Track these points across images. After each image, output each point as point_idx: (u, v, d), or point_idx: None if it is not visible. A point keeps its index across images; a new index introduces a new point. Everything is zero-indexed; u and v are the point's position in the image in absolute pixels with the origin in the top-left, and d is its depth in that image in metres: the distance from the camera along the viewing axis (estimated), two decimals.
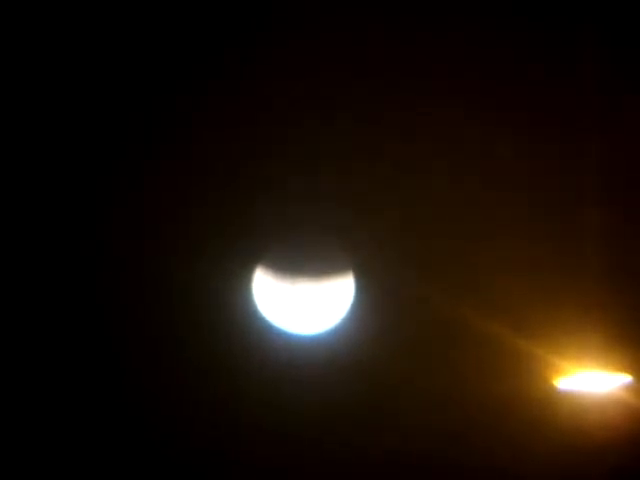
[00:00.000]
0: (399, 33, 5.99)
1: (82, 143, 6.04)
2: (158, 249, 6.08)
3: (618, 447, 6.17)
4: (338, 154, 6.09)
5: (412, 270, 6.13)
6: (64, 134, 6.01)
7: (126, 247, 6.08)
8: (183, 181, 6.08)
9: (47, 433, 6.10)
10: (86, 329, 6.13)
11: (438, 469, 6.25)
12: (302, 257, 6.13)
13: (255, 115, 6.07)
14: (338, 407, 6.18)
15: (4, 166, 6.02)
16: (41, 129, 6.01)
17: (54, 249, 6.08)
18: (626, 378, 6.15)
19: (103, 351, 6.15)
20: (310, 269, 6.13)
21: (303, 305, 6.15)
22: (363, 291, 6.20)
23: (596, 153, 6.12)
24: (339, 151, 6.09)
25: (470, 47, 6.09)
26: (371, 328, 6.16)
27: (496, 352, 6.15)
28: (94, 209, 6.09)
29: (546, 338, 6.13)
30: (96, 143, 6.05)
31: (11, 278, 6.06)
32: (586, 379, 6.14)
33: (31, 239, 6.07)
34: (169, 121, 6.06)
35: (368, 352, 6.14)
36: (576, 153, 6.14)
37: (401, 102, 6.04)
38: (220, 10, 6.01)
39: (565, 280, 6.16)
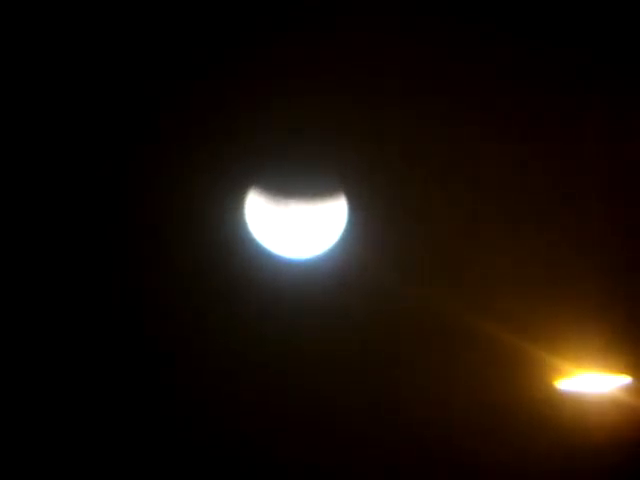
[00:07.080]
0: None
1: (84, 94, 6.01)
2: (150, 175, 6.00)
3: (618, 447, 6.22)
4: (335, 78, 6.02)
5: (406, 194, 6.09)
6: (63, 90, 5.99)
7: (120, 174, 6.01)
8: (176, 107, 5.96)
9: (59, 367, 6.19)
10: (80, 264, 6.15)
11: (438, 469, 6.30)
12: (295, 181, 6.03)
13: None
14: (331, 333, 6.15)
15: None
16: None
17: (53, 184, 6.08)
18: (626, 379, 6.20)
19: (101, 284, 6.15)
20: (303, 192, 6.03)
21: (296, 229, 6.06)
22: (356, 215, 6.12)
23: (597, 156, 6.13)
24: (336, 75, 6.02)
25: (469, 46, 6.09)
26: (364, 253, 6.10)
27: (497, 353, 6.18)
28: (88, 139, 6.04)
29: (547, 340, 6.16)
30: (99, 89, 6.01)
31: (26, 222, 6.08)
32: (587, 380, 6.19)
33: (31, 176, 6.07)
34: (168, 53, 5.98)
35: (361, 277, 6.09)
36: (577, 156, 6.15)
37: (401, 40, 5.99)
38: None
39: (565, 282, 6.19)
